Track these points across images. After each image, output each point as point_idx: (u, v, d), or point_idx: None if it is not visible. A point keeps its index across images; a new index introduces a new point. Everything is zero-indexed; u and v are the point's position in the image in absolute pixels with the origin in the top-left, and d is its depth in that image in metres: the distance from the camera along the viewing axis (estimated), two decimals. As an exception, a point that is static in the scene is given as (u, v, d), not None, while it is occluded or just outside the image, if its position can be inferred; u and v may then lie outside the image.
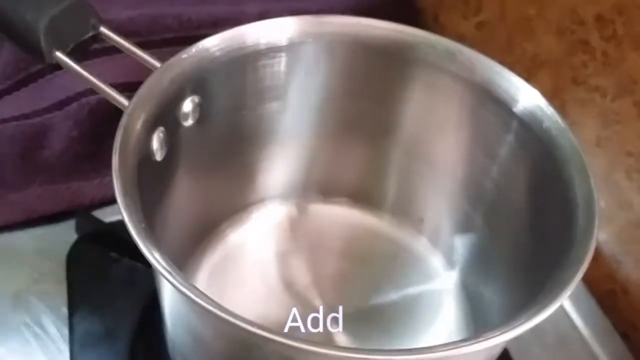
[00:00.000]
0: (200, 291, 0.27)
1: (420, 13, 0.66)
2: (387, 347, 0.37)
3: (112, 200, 0.51)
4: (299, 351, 0.27)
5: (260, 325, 0.26)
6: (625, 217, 0.47)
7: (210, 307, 0.26)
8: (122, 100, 0.33)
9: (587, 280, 0.50)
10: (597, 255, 0.50)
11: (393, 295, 0.44)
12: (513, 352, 0.45)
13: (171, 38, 0.56)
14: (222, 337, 0.31)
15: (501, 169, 0.39)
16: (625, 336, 0.48)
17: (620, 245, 0.48)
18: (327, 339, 0.41)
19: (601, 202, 0.48)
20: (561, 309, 0.49)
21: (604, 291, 0.50)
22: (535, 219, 0.36)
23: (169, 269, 0.28)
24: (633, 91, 0.45)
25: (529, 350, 0.46)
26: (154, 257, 0.28)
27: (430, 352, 0.27)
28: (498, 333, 0.27)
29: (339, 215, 0.47)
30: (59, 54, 0.35)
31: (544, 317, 0.28)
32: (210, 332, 0.31)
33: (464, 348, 0.27)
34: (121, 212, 0.29)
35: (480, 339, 0.27)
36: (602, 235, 0.49)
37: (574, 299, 0.49)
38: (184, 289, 0.27)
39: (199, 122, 0.38)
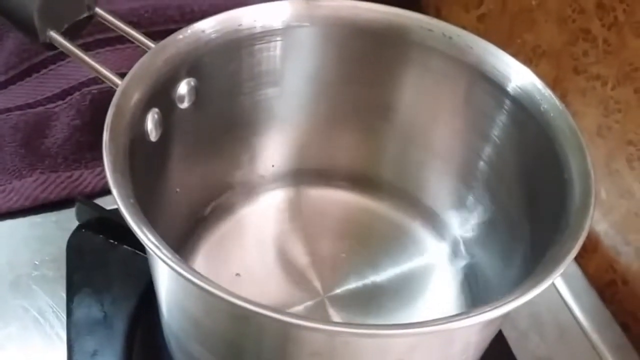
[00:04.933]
0: (188, 265, 0.27)
1: (423, 6, 0.66)
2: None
3: (113, 189, 0.52)
4: (293, 327, 0.27)
5: (249, 300, 0.26)
6: (626, 206, 0.47)
7: (195, 279, 0.26)
8: (115, 79, 0.33)
9: (587, 271, 0.50)
10: (597, 246, 0.49)
11: (390, 274, 0.44)
12: (513, 344, 0.45)
13: (173, 29, 0.56)
14: (210, 313, 0.31)
15: (495, 150, 0.39)
16: (625, 327, 0.48)
17: (620, 235, 0.48)
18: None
19: (602, 192, 0.48)
20: (561, 300, 0.49)
21: (604, 282, 0.49)
22: (531, 199, 0.36)
23: (156, 243, 0.28)
24: (634, 79, 0.44)
25: (528, 341, 0.46)
26: (142, 231, 0.28)
27: (422, 327, 0.27)
28: (489, 309, 0.27)
29: (336, 198, 0.48)
30: (53, 34, 0.35)
31: (536, 293, 0.28)
32: (198, 307, 0.31)
33: (455, 323, 0.27)
34: (110, 187, 0.29)
35: (472, 314, 0.27)
36: (602, 226, 0.49)
37: (574, 290, 0.49)
38: (171, 263, 0.27)
39: (195, 105, 0.39)
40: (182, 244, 0.43)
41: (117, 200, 0.28)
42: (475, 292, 0.43)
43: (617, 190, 0.47)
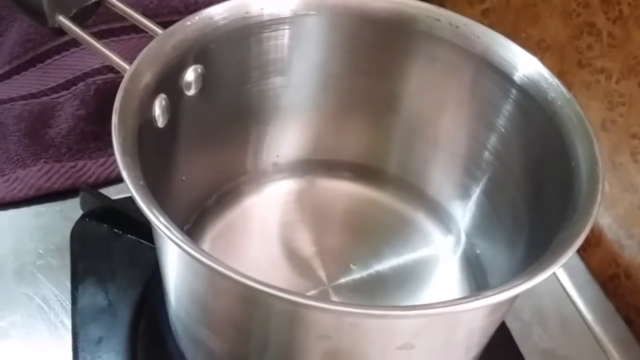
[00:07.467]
0: (199, 247, 0.27)
1: (427, 1, 0.66)
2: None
3: (117, 180, 0.52)
4: (303, 308, 0.27)
5: (259, 280, 0.26)
6: (630, 200, 0.47)
7: (205, 259, 0.26)
8: (123, 64, 0.34)
9: (590, 264, 0.50)
10: (601, 240, 0.49)
11: (394, 265, 0.44)
12: (516, 336, 0.45)
13: (177, 20, 0.57)
14: (219, 295, 0.31)
15: (501, 140, 0.39)
16: (628, 320, 0.48)
17: (624, 228, 0.48)
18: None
19: (605, 186, 0.48)
20: (564, 293, 0.49)
21: (607, 276, 0.49)
22: (537, 188, 0.36)
23: (167, 224, 0.28)
24: (639, 72, 0.44)
25: (531, 333, 0.46)
26: (152, 213, 0.28)
27: (431, 308, 0.27)
28: (498, 291, 0.27)
29: (342, 189, 0.48)
30: (61, 18, 0.35)
31: (544, 277, 0.28)
32: (206, 289, 0.31)
33: (464, 305, 0.27)
34: (120, 170, 0.29)
35: (481, 297, 0.27)
36: (605, 220, 0.49)
37: (577, 283, 0.49)
38: (181, 243, 0.27)
39: (202, 92, 0.39)
40: (188, 234, 0.43)
41: (127, 182, 0.28)
42: (480, 282, 0.43)
43: (621, 183, 0.47)
